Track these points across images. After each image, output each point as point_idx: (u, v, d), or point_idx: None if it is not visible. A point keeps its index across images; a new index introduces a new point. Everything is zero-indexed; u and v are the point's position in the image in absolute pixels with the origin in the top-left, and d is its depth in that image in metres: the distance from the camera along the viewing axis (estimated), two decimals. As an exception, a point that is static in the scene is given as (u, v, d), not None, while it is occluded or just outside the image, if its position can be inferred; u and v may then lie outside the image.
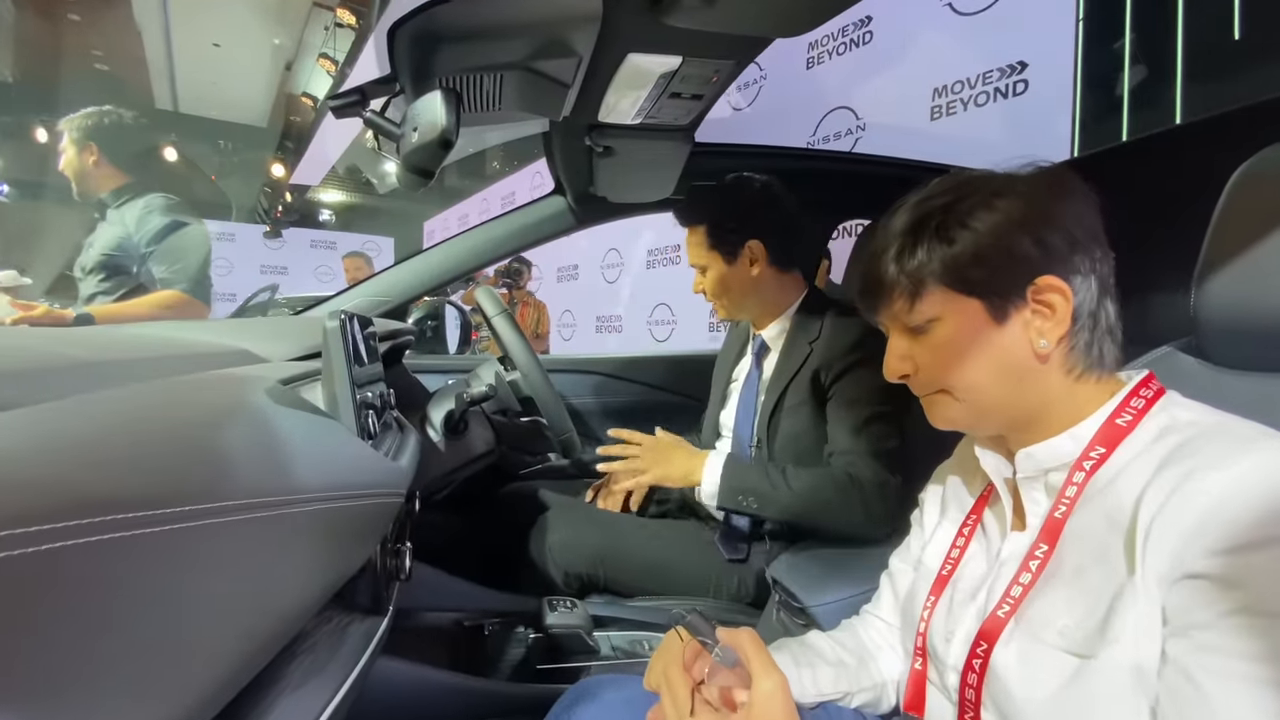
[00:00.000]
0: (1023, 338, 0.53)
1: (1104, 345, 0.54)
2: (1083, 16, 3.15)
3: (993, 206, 0.52)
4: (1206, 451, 0.45)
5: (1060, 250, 0.51)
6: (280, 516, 0.41)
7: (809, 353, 1.14)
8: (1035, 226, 0.51)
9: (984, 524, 0.62)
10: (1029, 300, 0.52)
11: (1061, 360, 0.53)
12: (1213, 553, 0.41)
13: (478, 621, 0.96)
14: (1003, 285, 0.52)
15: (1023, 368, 0.53)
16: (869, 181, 1.47)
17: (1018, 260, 0.52)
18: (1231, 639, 0.40)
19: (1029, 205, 0.52)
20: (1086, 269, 0.52)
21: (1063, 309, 0.51)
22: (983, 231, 0.52)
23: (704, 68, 0.81)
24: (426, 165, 0.73)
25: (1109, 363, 0.54)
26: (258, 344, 0.90)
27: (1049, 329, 0.52)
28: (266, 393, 0.53)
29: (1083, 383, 0.54)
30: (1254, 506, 0.41)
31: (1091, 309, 0.52)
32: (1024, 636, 0.50)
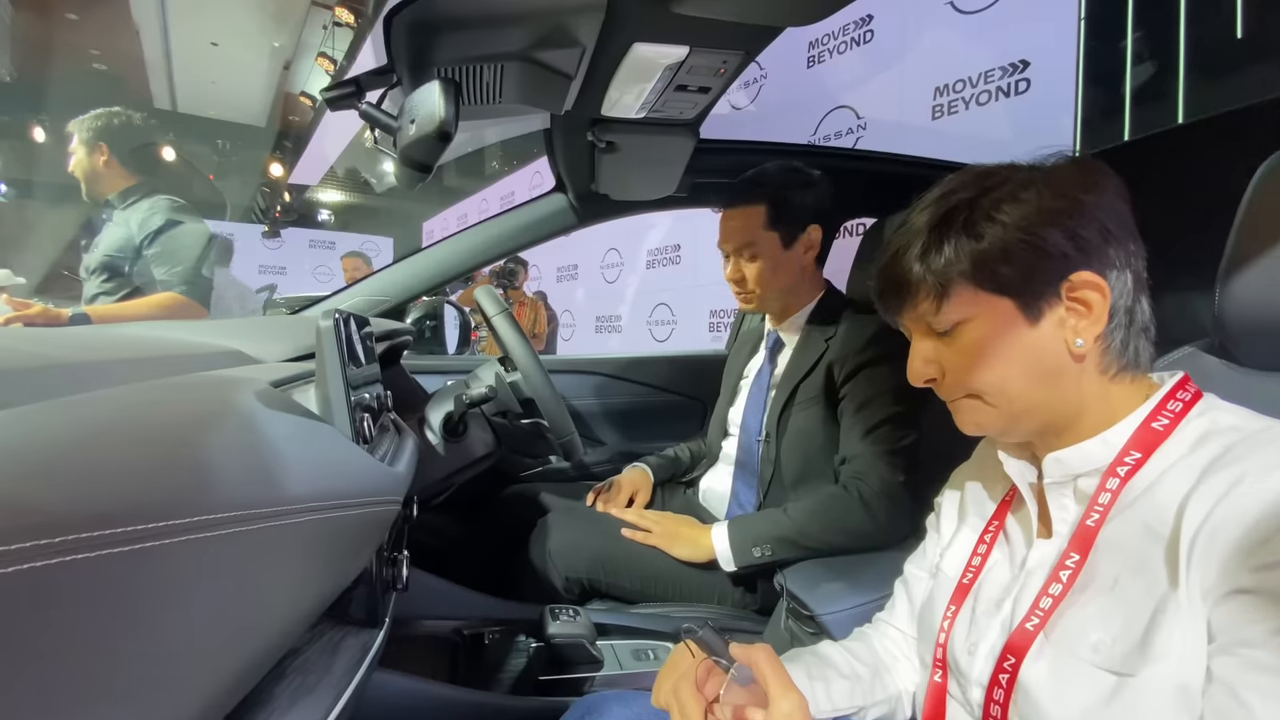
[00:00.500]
0: (1057, 337, 0.50)
1: (1139, 343, 0.51)
2: (1085, 15, 3.13)
3: (1021, 199, 0.50)
4: (1255, 458, 0.42)
5: (1094, 244, 0.49)
6: (266, 530, 0.38)
7: (824, 349, 1.12)
8: (1067, 219, 0.49)
9: (1007, 531, 0.59)
10: (1064, 297, 0.50)
11: (1097, 360, 0.51)
12: (1264, 566, 0.38)
13: (478, 630, 0.93)
14: (1036, 282, 0.50)
15: (1057, 369, 0.51)
16: (874, 179, 1.45)
17: (1051, 255, 0.49)
18: (1277, 656, 0.37)
19: (1059, 197, 0.49)
20: (1121, 263, 0.50)
21: (1099, 306, 0.49)
22: (1011, 225, 0.49)
23: (712, 59, 0.78)
24: (424, 159, 0.70)
25: (1144, 362, 0.52)
26: (251, 344, 0.87)
27: (1085, 327, 0.50)
28: (255, 395, 0.50)
29: (1117, 383, 0.52)
30: None
31: (1127, 305, 0.50)
32: (1055, 651, 0.48)
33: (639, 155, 1.16)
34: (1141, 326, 0.52)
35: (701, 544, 1.09)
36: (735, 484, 1.24)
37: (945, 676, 0.59)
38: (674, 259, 6.14)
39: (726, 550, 1.06)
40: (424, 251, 1.50)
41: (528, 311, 5.44)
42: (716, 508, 1.27)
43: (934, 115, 3.59)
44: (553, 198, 1.47)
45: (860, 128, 4.00)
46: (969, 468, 0.68)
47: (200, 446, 0.38)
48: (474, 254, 1.47)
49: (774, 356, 1.24)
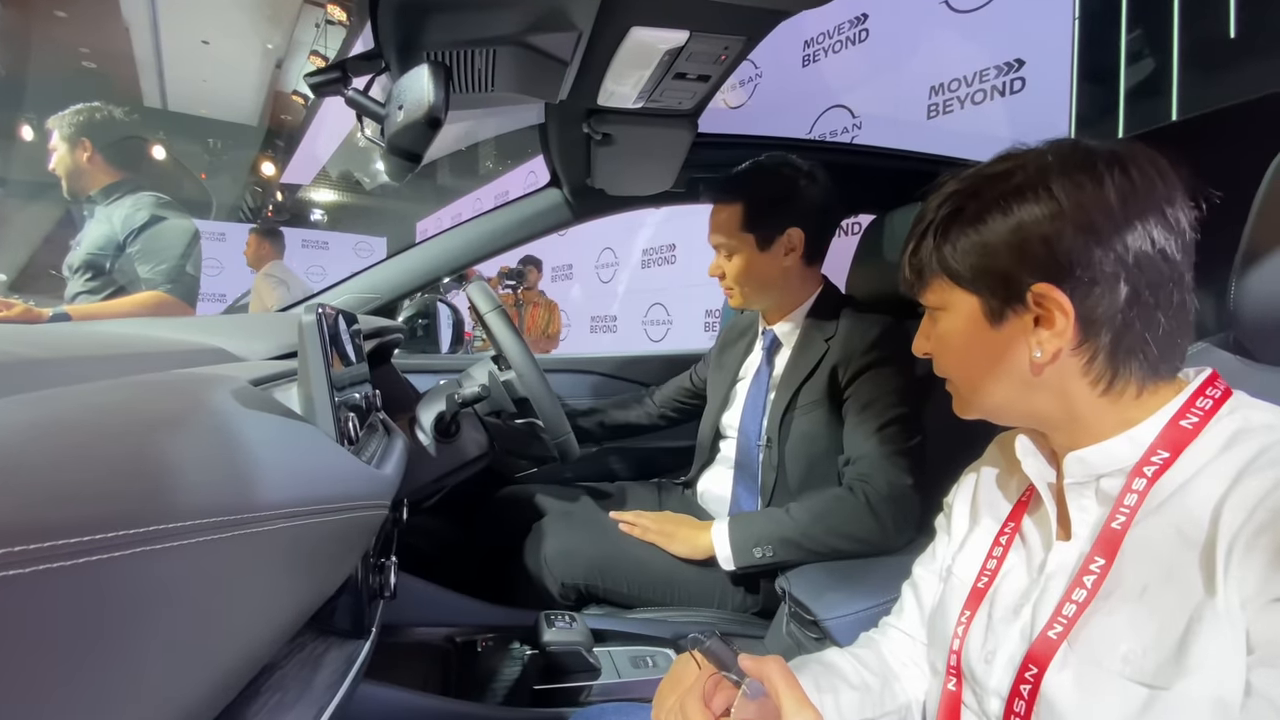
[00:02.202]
0: (1021, 343, 0.49)
1: (1139, 359, 0.47)
2: (1080, 14, 3.13)
3: (1010, 211, 0.48)
4: None
5: (1076, 258, 0.46)
6: (238, 539, 0.35)
7: (826, 350, 1.09)
8: (1052, 231, 0.46)
9: (1023, 533, 0.57)
10: (1030, 306, 0.48)
11: (1078, 371, 0.48)
12: None
13: (470, 637, 0.90)
14: (1000, 288, 0.49)
15: (1024, 374, 0.50)
16: (874, 175, 1.42)
17: (1020, 265, 0.48)
18: None
19: (1052, 209, 0.46)
20: (1110, 276, 0.46)
21: (1063, 321, 0.47)
22: (989, 236, 0.49)
23: (712, 44, 0.76)
24: (413, 147, 0.67)
25: (1155, 374, 0.48)
26: (234, 342, 0.84)
27: (1046, 339, 0.48)
28: (232, 394, 0.47)
29: (1114, 394, 0.48)
30: None
31: (1114, 319, 0.46)
32: (1081, 661, 0.45)
33: (636, 148, 1.13)
34: (1136, 346, 0.47)
35: (700, 542, 1.06)
36: (736, 488, 1.21)
37: (960, 685, 0.56)
38: (669, 258, 6.12)
39: (726, 549, 1.04)
40: (416, 248, 1.46)
41: (541, 312, 5.33)
42: (716, 510, 1.24)
43: (929, 114, 3.59)
44: (547, 193, 1.44)
45: (856, 127, 3.99)
46: (982, 466, 0.66)
47: (165, 449, 0.35)
48: (467, 250, 1.44)
49: (771, 357, 1.20)
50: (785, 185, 1.10)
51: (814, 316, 1.15)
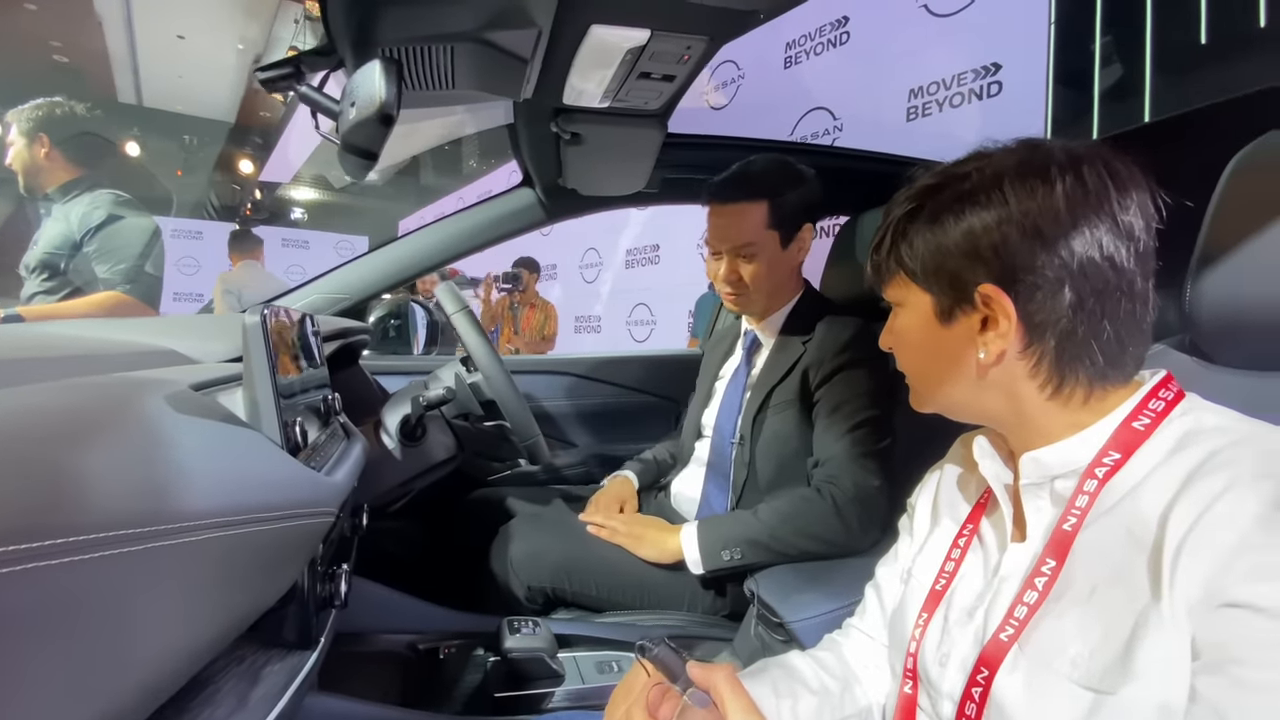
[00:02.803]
0: (968, 343, 0.50)
1: (1085, 364, 0.47)
2: (1055, 19, 3.17)
3: (963, 215, 0.48)
4: (1242, 463, 0.40)
5: (1020, 259, 0.46)
6: (157, 550, 0.34)
7: (801, 352, 1.10)
8: (1000, 237, 0.46)
9: (981, 534, 0.57)
10: (978, 307, 0.48)
11: (1026, 373, 0.49)
12: (1254, 579, 0.36)
13: (433, 644, 0.88)
14: (950, 287, 0.49)
15: (972, 374, 0.50)
16: (848, 177, 1.43)
17: (970, 266, 0.48)
18: (1274, 676, 0.35)
19: (1001, 213, 0.47)
20: (1054, 281, 0.46)
21: (1005, 325, 0.47)
22: (942, 237, 0.49)
23: (674, 44, 0.75)
24: (367, 145, 0.66)
25: (1098, 382, 0.48)
26: (189, 343, 0.82)
27: (991, 340, 0.48)
28: (166, 399, 0.45)
29: (1061, 398, 0.48)
30: None
31: (1059, 324, 0.46)
32: (1031, 664, 0.45)
33: (605, 148, 1.12)
34: (1081, 352, 0.47)
35: (668, 545, 1.06)
36: (706, 487, 1.21)
37: (915, 687, 0.56)
38: (653, 258, 6.12)
39: (695, 553, 1.03)
40: (385, 247, 1.44)
41: (537, 314, 5.24)
42: (688, 511, 1.24)
43: (909, 117, 3.62)
44: (520, 192, 1.43)
45: (837, 129, 4.01)
46: (943, 468, 0.66)
47: (77, 457, 0.33)
48: (438, 250, 1.42)
49: (751, 358, 1.21)
50: (800, 182, 1.10)
51: (794, 318, 1.15)
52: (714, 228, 1.11)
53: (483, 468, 1.56)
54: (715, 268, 1.14)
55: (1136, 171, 0.48)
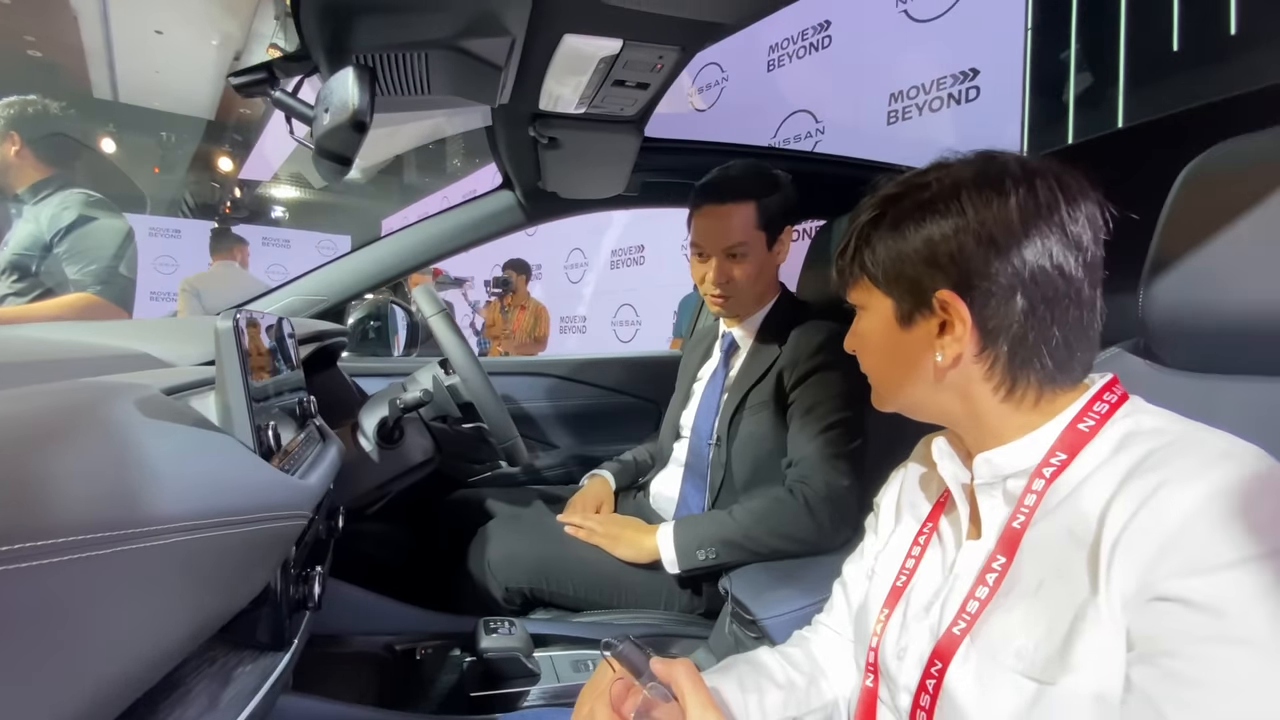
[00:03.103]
0: (927, 347, 0.52)
1: (1037, 368, 0.49)
2: (1032, 25, 3.23)
3: (923, 223, 0.50)
4: (1176, 463, 0.41)
5: (975, 266, 0.48)
6: (122, 554, 0.34)
7: (777, 355, 1.12)
8: (957, 245, 0.48)
9: (940, 532, 0.58)
10: (936, 312, 0.50)
11: (981, 376, 0.51)
12: (1184, 573, 0.38)
13: (410, 645, 0.89)
14: (910, 292, 0.52)
15: (929, 376, 0.52)
16: (823, 182, 1.45)
17: (929, 272, 0.50)
18: (1204, 669, 0.37)
19: (959, 223, 0.49)
20: (1006, 288, 0.48)
21: (960, 329, 0.49)
22: (903, 244, 0.51)
23: (647, 53, 0.76)
24: (341, 150, 0.66)
25: (1049, 385, 0.50)
26: (162, 347, 0.82)
27: (947, 344, 0.50)
28: (135, 404, 0.45)
29: (1014, 400, 0.51)
30: (1227, 522, 0.38)
31: (1011, 330, 0.48)
32: (980, 656, 0.47)
33: (583, 152, 1.13)
34: (1032, 356, 0.49)
35: (645, 545, 1.07)
36: (684, 487, 1.23)
37: (876, 681, 0.58)
38: (638, 259, 6.13)
39: (671, 552, 1.05)
40: (364, 249, 1.44)
41: (527, 316, 5.27)
42: (666, 511, 1.25)
43: (889, 120, 3.67)
44: (500, 194, 1.43)
45: (819, 131, 4.05)
46: (907, 467, 0.68)
47: (44, 463, 0.34)
48: (417, 252, 1.43)
49: (728, 360, 1.22)
50: (779, 186, 1.13)
51: (771, 320, 1.17)
52: (703, 230, 1.13)
53: (462, 469, 1.56)
54: (702, 270, 1.15)
55: (1086, 185, 0.50)
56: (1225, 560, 0.37)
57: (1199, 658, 0.37)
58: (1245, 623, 0.36)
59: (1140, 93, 3.18)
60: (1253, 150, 0.60)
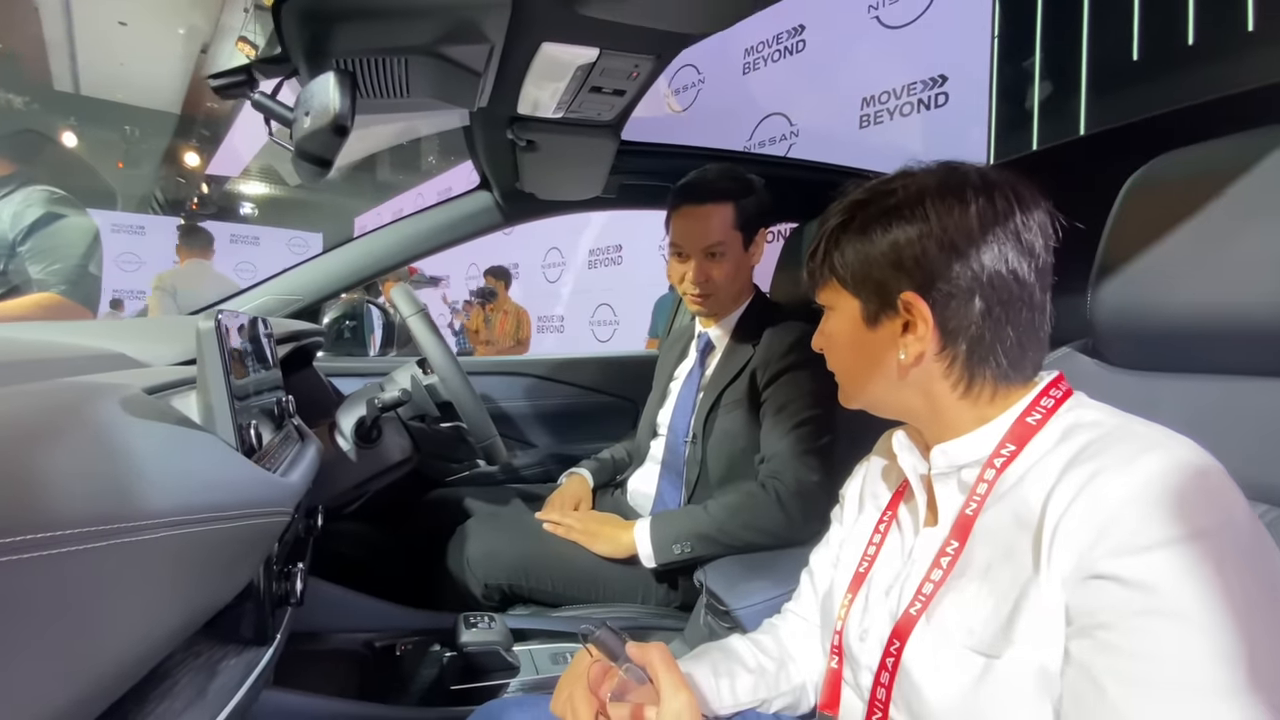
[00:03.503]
0: (891, 346, 0.54)
1: (993, 366, 0.53)
2: (998, 33, 3.33)
3: (889, 228, 0.53)
4: (1111, 452, 0.45)
5: (937, 270, 0.51)
6: (115, 547, 0.35)
7: (750, 355, 1.15)
8: (920, 249, 0.51)
9: (899, 520, 0.62)
10: (900, 312, 0.53)
11: (941, 374, 0.54)
12: (1117, 553, 0.41)
13: (389, 642, 0.90)
14: (875, 295, 0.54)
15: (893, 373, 0.55)
16: (795, 186, 1.49)
17: (894, 275, 0.53)
18: (1135, 641, 0.40)
19: (922, 228, 0.52)
20: (966, 291, 0.51)
21: (924, 329, 0.52)
22: (870, 248, 0.54)
23: (623, 61, 0.78)
24: (321, 153, 0.67)
25: (1003, 382, 0.53)
26: (137, 347, 0.81)
27: (910, 343, 0.53)
28: (119, 403, 0.46)
29: (971, 397, 0.54)
30: (1157, 506, 0.41)
31: (969, 330, 0.52)
32: (934, 634, 0.50)
33: (561, 155, 1.15)
34: (989, 355, 0.52)
35: (622, 541, 1.09)
36: (661, 483, 1.25)
37: (840, 663, 0.61)
38: (615, 259, 6.15)
39: (648, 547, 1.07)
40: (340, 249, 1.44)
41: (510, 320, 5.46)
42: (643, 507, 1.28)
43: (861, 124, 3.74)
44: (477, 195, 1.44)
45: (794, 134, 4.11)
46: (870, 459, 0.71)
47: (40, 460, 0.35)
48: (393, 252, 1.43)
49: (704, 359, 1.25)
50: (754, 189, 1.16)
51: (745, 321, 1.20)
52: (682, 230, 1.15)
53: (439, 469, 1.57)
54: (681, 270, 1.17)
55: (1039, 195, 0.53)
56: (1155, 541, 0.40)
57: (1131, 630, 0.40)
58: (1173, 598, 0.39)
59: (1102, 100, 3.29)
60: (1192, 162, 0.64)
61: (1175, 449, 0.44)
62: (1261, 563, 0.41)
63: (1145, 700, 0.39)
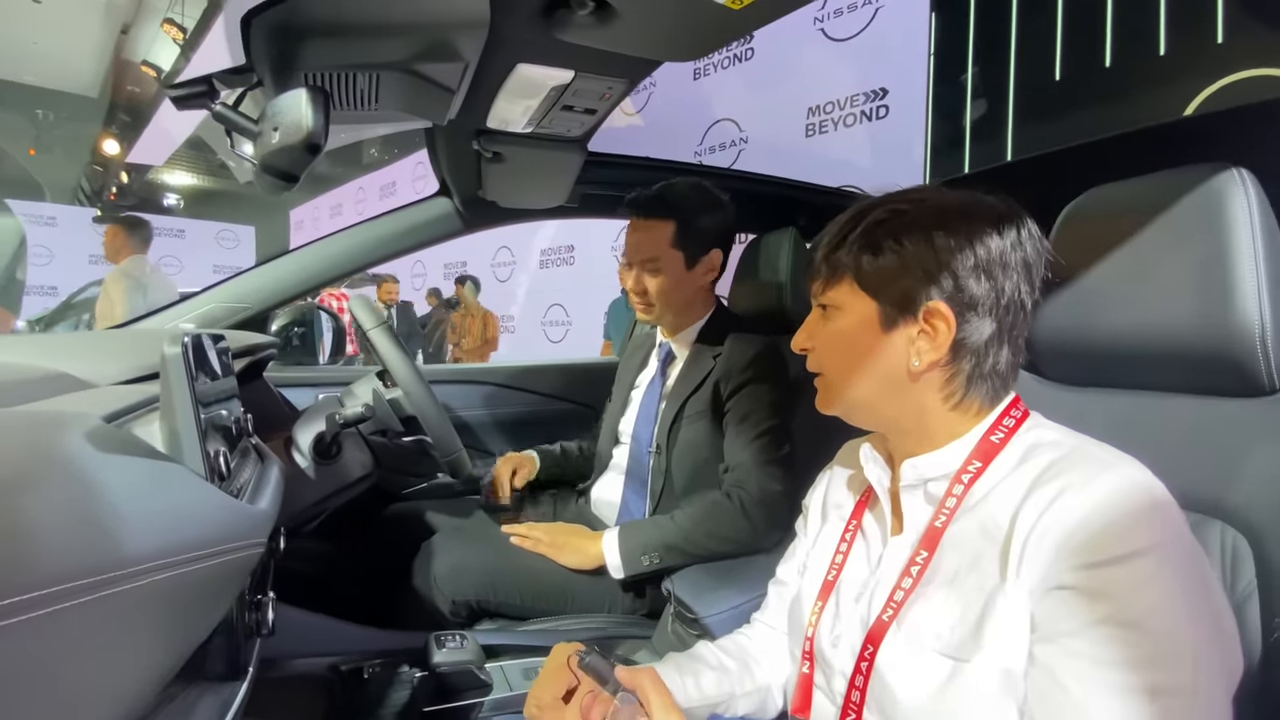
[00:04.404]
0: (903, 351, 0.56)
1: (988, 385, 0.56)
2: (934, 51, 3.49)
3: (929, 236, 0.54)
4: (1071, 474, 0.49)
5: (967, 286, 0.54)
6: (100, 601, 0.34)
7: (712, 366, 1.17)
8: (958, 263, 0.54)
9: (864, 529, 0.65)
10: (919, 319, 0.55)
11: (939, 385, 0.56)
12: (1079, 566, 0.45)
13: (356, 665, 0.88)
14: (900, 298, 0.56)
15: (897, 379, 0.57)
16: (754, 199, 1.52)
17: (924, 283, 0.54)
18: (1096, 646, 0.44)
19: (961, 242, 0.54)
20: (986, 310, 0.54)
21: (944, 336, 0.54)
22: (906, 254, 0.55)
23: (597, 84, 0.79)
24: (289, 169, 0.65)
25: (988, 400, 0.57)
26: (80, 365, 0.77)
27: (925, 350, 0.55)
28: (85, 438, 0.44)
29: (960, 411, 0.57)
30: (1114, 524, 0.45)
31: (977, 347, 0.55)
32: (905, 639, 0.53)
33: (527, 167, 1.15)
34: (992, 371, 0.55)
35: (589, 552, 1.10)
36: (625, 493, 1.26)
37: (813, 668, 0.64)
38: (568, 259, 6.12)
39: (616, 558, 1.08)
40: (291, 255, 1.39)
41: (477, 323, 5.75)
42: (608, 516, 1.29)
43: (807, 133, 3.86)
44: (437, 201, 1.41)
45: (743, 140, 4.20)
46: (832, 469, 0.74)
47: (13, 512, 0.33)
48: (347, 259, 1.39)
49: (665, 369, 1.27)
50: (714, 207, 1.18)
51: (706, 333, 1.23)
52: (627, 241, 1.20)
53: (396, 482, 1.53)
54: (625, 276, 1.21)
55: (1043, 236, 0.57)
56: (1113, 555, 0.45)
57: (1090, 636, 0.44)
58: (1128, 607, 0.44)
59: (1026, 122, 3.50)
60: (1120, 197, 0.69)
61: (1127, 470, 0.48)
62: (1198, 569, 0.47)
63: (1104, 701, 0.43)
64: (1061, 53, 3.44)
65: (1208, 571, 0.48)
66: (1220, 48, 2.87)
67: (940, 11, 3.53)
